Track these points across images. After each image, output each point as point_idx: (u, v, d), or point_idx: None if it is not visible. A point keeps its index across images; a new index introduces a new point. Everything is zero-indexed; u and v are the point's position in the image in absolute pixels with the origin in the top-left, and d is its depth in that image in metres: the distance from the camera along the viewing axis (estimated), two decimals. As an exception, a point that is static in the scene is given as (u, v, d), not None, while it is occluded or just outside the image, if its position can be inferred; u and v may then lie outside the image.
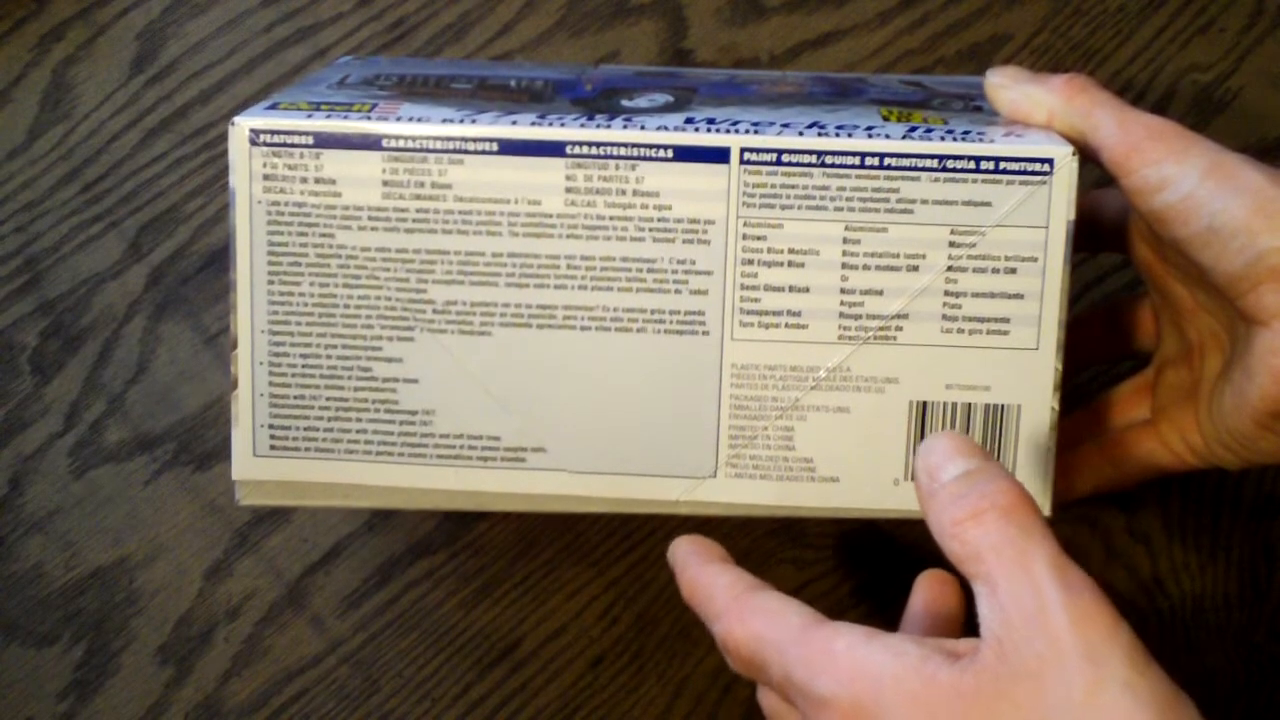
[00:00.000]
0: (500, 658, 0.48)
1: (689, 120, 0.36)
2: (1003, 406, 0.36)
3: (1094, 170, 0.37)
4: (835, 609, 0.48)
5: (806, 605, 0.32)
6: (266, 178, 0.35)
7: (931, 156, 0.35)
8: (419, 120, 0.35)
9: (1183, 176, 0.34)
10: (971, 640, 0.29)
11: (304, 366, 0.36)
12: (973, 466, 0.31)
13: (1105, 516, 0.49)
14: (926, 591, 0.37)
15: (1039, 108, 0.37)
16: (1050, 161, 0.35)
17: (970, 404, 0.36)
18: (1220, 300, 0.37)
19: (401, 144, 0.35)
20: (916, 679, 0.28)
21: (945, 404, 0.36)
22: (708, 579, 0.34)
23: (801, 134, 0.35)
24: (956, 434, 0.32)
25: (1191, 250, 0.35)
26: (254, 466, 0.37)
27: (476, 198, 0.35)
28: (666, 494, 0.37)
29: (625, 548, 0.48)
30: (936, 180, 0.35)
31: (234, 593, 0.48)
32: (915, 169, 0.35)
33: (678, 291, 0.36)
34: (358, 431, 0.36)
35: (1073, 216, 0.35)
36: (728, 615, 0.32)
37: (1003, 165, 0.35)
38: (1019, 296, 0.36)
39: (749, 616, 0.32)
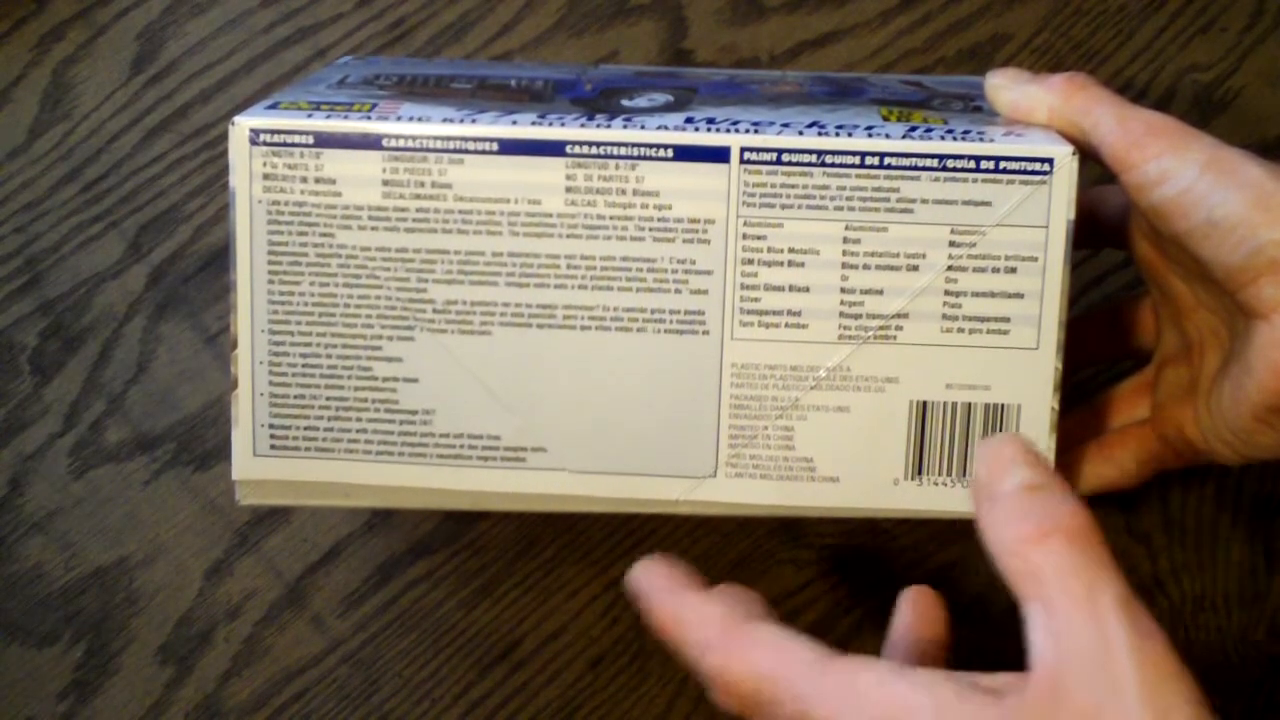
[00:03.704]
0: (500, 658, 0.48)
1: (689, 120, 0.36)
2: (1003, 406, 0.36)
3: (1094, 168, 0.37)
4: (835, 609, 0.48)
5: (813, 638, 0.30)
6: (266, 177, 0.35)
7: (931, 156, 0.35)
8: (419, 120, 0.35)
9: (1182, 170, 0.34)
10: (1006, 675, 0.27)
11: (304, 366, 0.36)
12: (1038, 480, 0.29)
13: (1105, 516, 0.49)
14: (913, 614, 0.35)
15: (1039, 106, 0.37)
16: (1050, 161, 0.35)
17: (970, 404, 0.36)
18: (1220, 296, 0.37)
19: (402, 143, 0.35)
20: (958, 716, 0.26)
21: (945, 403, 0.36)
22: (691, 609, 0.31)
23: (801, 133, 0.35)
24: (1021, 438, 0.30)
25: (1191, 244, 0.35)
26: (254, 466, 0.37)
27: (477, 197, 0.35)
28: (667, 494, 0.37)
29: (625, 547, 0.48)
30: (937, 180, 0.35)
31: (234, 593, 0.48)
32: (915, 168, 0.35)
33: (678, 291, 0.36)
34: (358, 431, 0.36)
35: (1073, 216, 0.35)
36: (722, 649, 0.30)
37: (1003, 165, 0.35)
38: (1019, 296, 0.36)
39: (749, 649, 0.29)
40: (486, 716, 0.48)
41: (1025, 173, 0.35)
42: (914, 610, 0.35)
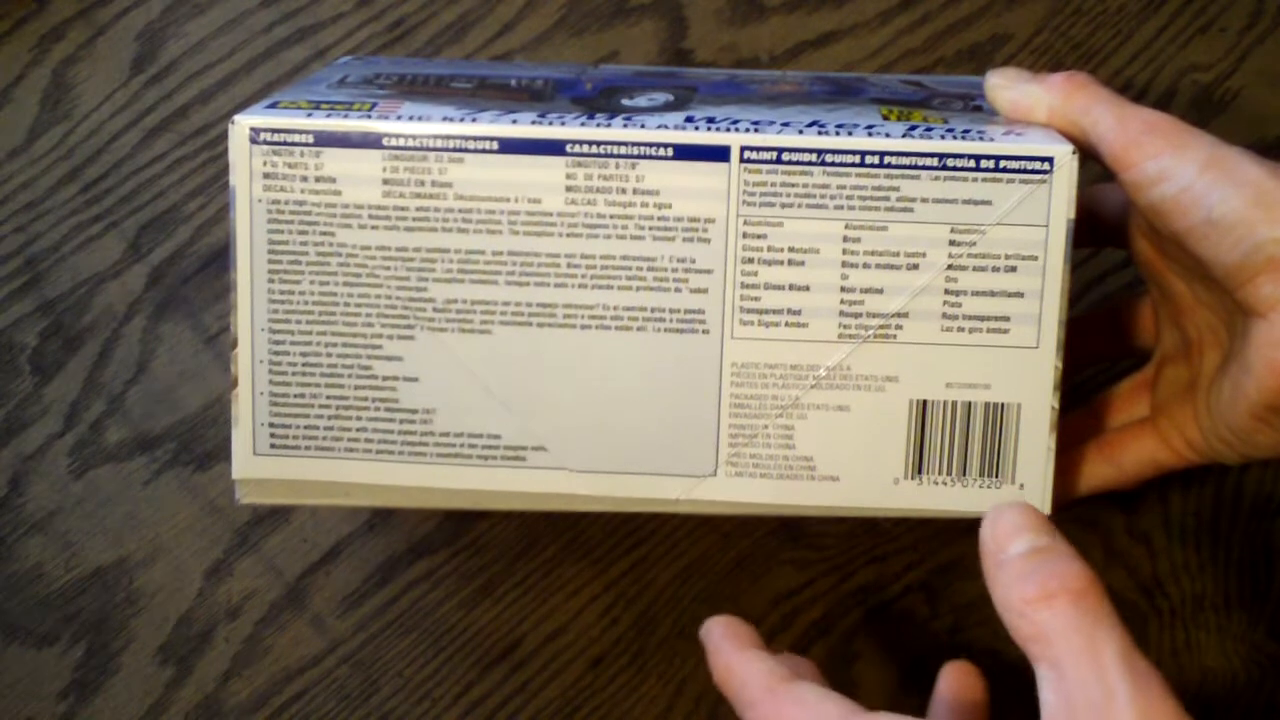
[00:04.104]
0: (500, 658, 0.48)
1: (689, 119, 0.36)
2: (1002, 405, 0.36)
3: (1094, 167, 0.37)
4: (836, 609, 0.48)
5: (844, 696, 0.31)
6: (267, 176, 0.35)
7: (931, 155, 0.35)
8: (419, 119, 0.35)
9: (1181, 169, 0.34)
10: None
11: (304, 365, 0.36)
12: (1043, 543, 0.30)
13: (1105, 516, 0.49)
14: (953, 682, 0.37)
15: (1038, 105, 0.37)
16: (1050, 160, 0.35)
17: (970, 403, 0.36)
18: (1219, 295, 0.37)
19: (402, 142, 0.35)
20: None
21: (945, 403, 0.36)
22: (742, 667, 0.33)
23: (801, 132, 0.35)
24: (1027, 506, 0.32)
25: (1190, 243, 0.35)
26: (254, 465, 0.37)
27: (477, 196, 0.35)
28: (666, 493, 0.37)
29: (626, 547, 0.48)
30: (937, 179, 0.35)
31: (234, 593, 0.48)
32: (915, 167, 0.35)
33: (678, 290, 0.36)
34: (358, 430, 0.36)
35: (1073, 215, 0.35)
36: (763, 706, 0.32)
37: (1003, 164, 0.35)
38: (1019, 295, 0.36)
39: (785, 708, 0.31)
40: (486, 716, 0.48)
41: (1025, 172, 0.35)
42: (953, 680, 0.37)
